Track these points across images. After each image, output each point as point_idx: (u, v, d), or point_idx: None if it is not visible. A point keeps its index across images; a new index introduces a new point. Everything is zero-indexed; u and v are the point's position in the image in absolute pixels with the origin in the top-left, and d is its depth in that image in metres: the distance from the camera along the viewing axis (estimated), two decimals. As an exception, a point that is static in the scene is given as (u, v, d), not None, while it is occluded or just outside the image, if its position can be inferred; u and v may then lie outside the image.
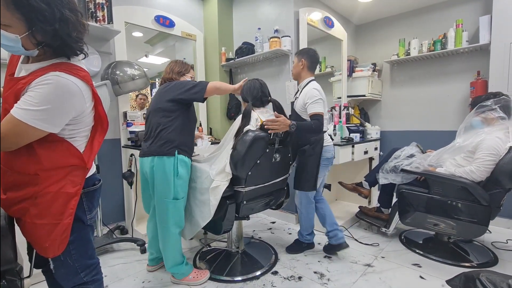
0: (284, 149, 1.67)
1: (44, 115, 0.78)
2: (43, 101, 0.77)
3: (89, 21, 1.90)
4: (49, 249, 0.88)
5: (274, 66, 2.68)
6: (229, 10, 3.03)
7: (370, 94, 3.07)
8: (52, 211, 0.86)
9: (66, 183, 0.88)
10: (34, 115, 0.77)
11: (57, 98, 0.79)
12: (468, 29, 2.56)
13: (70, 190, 0.88)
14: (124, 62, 2.15)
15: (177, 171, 1.51)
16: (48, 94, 0.78)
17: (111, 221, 2.34)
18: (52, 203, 0.86)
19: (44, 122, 0.79)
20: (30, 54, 0.83)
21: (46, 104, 0.78)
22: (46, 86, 0.78)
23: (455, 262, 1.79)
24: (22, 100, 0.78)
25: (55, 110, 0.80)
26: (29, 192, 0.84)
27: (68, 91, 0.81)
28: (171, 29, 2.66)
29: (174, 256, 1.61)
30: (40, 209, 0.85)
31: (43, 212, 0.85)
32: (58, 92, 0.79)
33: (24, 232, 0.90)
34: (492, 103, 1.73)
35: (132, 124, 2.30)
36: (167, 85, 1.60)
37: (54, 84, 0.78)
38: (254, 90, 1.66)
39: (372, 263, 1.83)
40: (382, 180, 2.13)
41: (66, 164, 0.88)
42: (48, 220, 0.86)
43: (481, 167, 1.64)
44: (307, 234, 2.01)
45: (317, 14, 2.59)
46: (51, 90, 0.78)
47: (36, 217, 0.85)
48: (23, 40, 0.78)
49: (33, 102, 0.77)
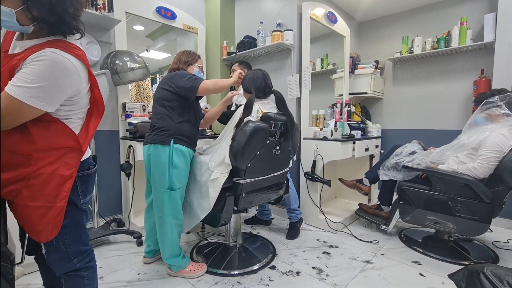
0: (285, 142, 1.65)
1: (40, 93, 0.76)
2: (38, 78, 0.75)
3: (89, 8, 1.88)
4: (42, 232, 0.86)
5: (276, 60, 2.65)
6: (232, 4, 3.00)
7: (372, 91, 3.04)
8: (45, 194, 0.84)
9: (60, 165, 0.85)
10: (29, 92, 0.74)
11: (53, 75, 0.77)
12: (473, 27, 2.54)
13: (64, 172, 0.86)
14: (124, 51, 2.12)
15: (172, 161, 1.49)
16: (43, 71, 0.75)
17: (108, 213, 2.32)
18: (45, 185, 0.83)
19: (39, 100, 0.76)
20: (25, 31, 0.80)
21: (42, 81, 0.75)
22: (41, 62, 0.75)
23: (456, 260, 1.77)
24: (17, 77, 0.75)
25: (50, 88, 0.77)
26: (22, 173, 0.82)
27: (64, 68, 0.78)
28: (173, 21, 2.63)
29: (171, 247, 1.58)
30: (33, 191, 0.83)
31: (36, 194, 0.83)
32: (53, 69, 0.77)
33: (17, 215, 0.87)
34: (498, 99, 1.70)
35: (131, 115, 2.27)
36: (169, 74, 1.59)
37: (50, 60, 0.76)
38: (258, 80, 1.62)
39: (371, 259, 1.81)
40: (383, 176, 2.11)
41: (60, 146, 0.86)
42: (41, 203, 0.83)
43: (485, 164, 1.62)
44: (297, 208, 2.18)
45: (320, 9, 2.57)
46: (46, 67, 0.76)
47: (28, 199, 0.82)
48: (18, 14, 0.75)
49: (28, 78, 0.74)
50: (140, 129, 2.09)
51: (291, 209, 2.17)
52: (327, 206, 2.67)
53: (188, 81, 1.49)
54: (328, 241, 2.09)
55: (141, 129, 2.09)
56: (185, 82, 1.50)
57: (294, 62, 2.48)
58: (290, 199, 2.15)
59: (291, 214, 2.18)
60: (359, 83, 3.09)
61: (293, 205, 2.16)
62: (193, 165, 1.61)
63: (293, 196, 2.17)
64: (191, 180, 1.61)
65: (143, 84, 3.12)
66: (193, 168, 1.61)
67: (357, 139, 2.41)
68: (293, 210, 2.17)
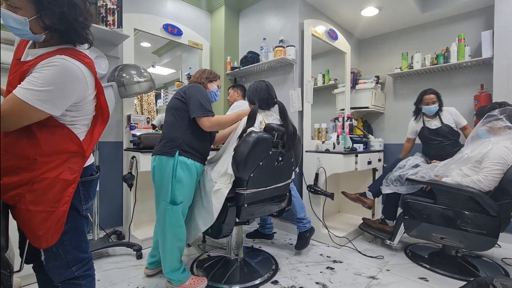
0: (288, 153, 1.65)
1: (47, 96, 0.78)
2: (46, 82, 0.77)
3: (99, 24, 1.96)
4: (43, 237, 0.85)
5: (279, 75, 2.71)
6: (236, 21, 3.12)
7: (373, 106, 3.07)
8: (48, 198, 0.84)
9: (64, 170, 0.86)
10: (36, 95, 0.76)
11: (61, 80, 0.79)
12: (470, 43, 2.60)
13: (68, 177, 0.87)
14: (131, 65, 2.18)
15: (175, 173, 1.46)
16: (52, 76, 0.78)
17: (109, 225, 2.29)
18: (49, 190, 0.84)
19: (45, 103, 0.78)
20: (37, 39, 0.84)
21: (50, 86, 0.78)
22: (51, 68, 0.78)
23: (464, 277, 1.71)
24: (26, 81, 0.78)
25: (57, 92, 0.79)
26: (26, 178, 0.82)
27: (72, 75, 0.81)
28: (179, 38, 2.73)
29: (171, 261, 1.54)
30: (36, 196, 0.83)
31: (39, 199, 0.83)
32: (62, 74, 0.79)
33: (19, 220, 0.87)
34: (498, 112, 1.72)
35: (135, 127, 2.31)
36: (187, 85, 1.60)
37: (59, 66, 0.79)
38: (261, 91, 1.64)
39: (376, 275, 1.75)
40: (386, 189, 2.09)
41: (64, 150, 0.87)
42: (44, 207, 0.83)
43: (489, 176, 1.61)
44: (304, 217, 2.09)
45: (321, 26, 2.66)
46: (55, 72, 0.78)
47: (31, 203, 0.83)
48: (31, 23, 0.79)
49: (36, 82, 0.77)
50: (144, 140, 2.11)
51: (298, 218, 2.09)
52: (330, 220, 2.63)
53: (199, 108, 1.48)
54: (332, 256, 2.04)
55: (144, 140, 2.11)
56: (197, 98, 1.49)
57: (296, 77, 2.54)
58: (295, 208, 2.09)
59: (298, 224, 2.10)
60: (360, 97, 3.13)
61: (299, 214, 2.09)
62: (203, 176, 1.59)
63: (298, 205, 2.10)
64: (198, 192, 1.58)
65: (147, 98, 3.19)
66: (203, 180, 1.57)
67: (360, 152, 2.41)
68: (300, 219, 2.09)
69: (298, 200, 2.13)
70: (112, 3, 2.00)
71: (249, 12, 3.04)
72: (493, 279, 0.85)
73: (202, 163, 1.59)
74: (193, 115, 1.49)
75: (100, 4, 1.96)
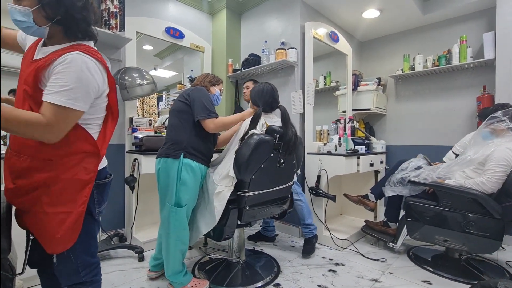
0: (289, 156, 1.65)
1: (76, 93, 0.78)
2: (71, 80, 0.78)
3: (102, 28, 1.97)
4: (60, 240, 0.84)
5: (280, 77, 2.72)
6: (237, 24, 3.13)
7: (375, 108, 3.07)
8: (65, 199, 0.83)
9: (79, 170, 0.86)
10: (67, 96, 0.77)
11: (84, 76, 0.80)
12: (472, 45, 2.59)
13: (84, 177, 0.86)
14: (133, 68, 2.20)
15: (180, 176, 1.47)
16: (73, 73, 0.78)
17: (110, 228, 2.29)
18: (65, 190, 0.83)
19: (77, 101, 0.79)
20: (42, 33, 0.84)
21: (75, 83, 0.78)
22: (69, 65, 0.78)
23: (468, 280, 1.69)
24: (51, 85, 0.77)
25: (82, 88, 0.80)
26: (41, 179, 0.82)
27: (91, 69, 0.82)
28: (181, 41, 2.74)
29: (174, 264, 1.54)
30: (53, 197, 0.82)
31: (56, 200, 0.82)
32: (83, 70, 0.80)
33: (33, 225, 0.85)
34: (501, 114, 1.71)
35: (137, 129, 2.32)
36: (189, 88, 1.61)
37: (77, 62, 0.79)
38: (267, 95, 1.63)
39: (379, 278, 1.74)
40: (389, 192, 2.08)
41: (80, 150, 0.86)
42: (62, 208, 0.83)
43: (492, 178, 1.59)
44: (312, 223, 2.10)
45: (322, 29, 2.66)
46: (76, 69, 0.79)
47: (48, 205, 0.82)
48: (34, 14, 0.79)
49: (61, 83, 0.77)
50: (146, 143, 2.12)
51: (305, 224, 2.09)
52: (332, 222, 2.62)
53: (203, 111, 1.49)
54: (334, 258, 2.03)
55: (146, 143, 2.12)
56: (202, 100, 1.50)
57: (297, 79, 2.54)
58: (304, 213, 2.09)
59: (306, 230, 2.10)
60: (362, 99, 3.13)
61: (307, 220, 2.09)
62: (206, 179, 1.59)
63: (306, 211, 2.11)
64: (201, 194, 1.59)
65: (149, 101, 3.20)
66: (206, 182, 1.58)
67: (362, 154, 2.40)
68: (308, 225, 2.09)
69: (306, 206, 2.13)
70: (115, 6, 2.02)
71: (251, 15, 3.05)
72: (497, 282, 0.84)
73: (207, 165, 1.59)
74: (197, 117, 1.49)
75: (103, 8, 1.98)
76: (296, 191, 2.11)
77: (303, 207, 2.09)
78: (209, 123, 1.49)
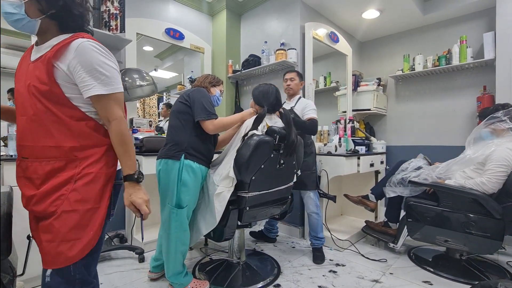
0: (289, 156, 1.65)
1: (116, 77, 0.84)
2: (102, 64, 0.81)
3: (102, 29, 1.98)
4: (92, 238, 0.82)
5: (280, 77, 2.70)
6: (237, 25, 3.14)
7: (375, 108, 3.07)
8: (94, 194, 0.83)
9: (104, 164, 0.86)
10: (112, 82, 0.83)
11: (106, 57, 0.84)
12: (473, 45, 2.59)
13: (107, 170, 0.87)
14: (133, 69, 2.20)
15: (181, 177, 1.47)
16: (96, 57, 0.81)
17: (111, 229, 2.30)
18: (93, 185, 0.83)
19: (118, 82, 0.85)
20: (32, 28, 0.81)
21: (106, 64, 0.82)
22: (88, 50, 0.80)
23: (469, 280, 1.69)
24: (90, 78, 0.80)
25: (114, 68, 0.85)
26: (68, 176, 0.81)
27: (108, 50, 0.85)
28: (181, 42, 2.75)
29: (174, 265, 1.54)
30: (82, 193, 0.81)
31: (85, 196, 0.81)
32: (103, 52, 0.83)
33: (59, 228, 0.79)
34: (502, 114, 1.70)
35: (137, 130, 2.32)
36: (190, 89, 1.61)
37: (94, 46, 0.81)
38: (271, 96, 1.62)
39: (380, 279, 1.74)
40: (389, 193, 2.07)
41: (102, 143, 0.87)
42: (91, 204, 0.82)
43: (493, 178, 1.59)
44: (323, 236, 2.09)
45: (322, 29, 2.67)
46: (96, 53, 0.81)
47: (78, 202, 0.80)
48: (27, 6, 0.77)
49: (99, 70, 0.80)
50: (146, 144, 2.12)
51: (318, 237, 2.06)
52: (333, 223, 2.61)
53: (203, 112, 1.49)
54: (335, 259, 2.03)
55: (147, 144, 2.12)
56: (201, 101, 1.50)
57: (297, 80, 2.54)
58: (317, 227, 2.06)
59: (316, 242, 2.06)
60: (362, 100, 3.13)
61: (320, 233, 2.07)
62: (206, 179, 1.59)
63: (320, 224, 2.08)
64: (201, 195, 1.58)
65: (150, 102, 3.20)
66: (207, 183, 1.58)
67: (362, 155, 2.40)
68: (319, 238, 2.06)
69: (321, 219, 2.10)
70: (115, 8, 2.03)
71: (250, 16, 3.06)
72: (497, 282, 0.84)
73: (207, 166, 1.59)
74: (197, 118, 1.50)
75: (103, 10, 1.98)
76: (315, 203, 2.06)
77: (318, 221, 2.06)
78: (209, 124, 1.49)
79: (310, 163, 2.06)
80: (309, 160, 2.05)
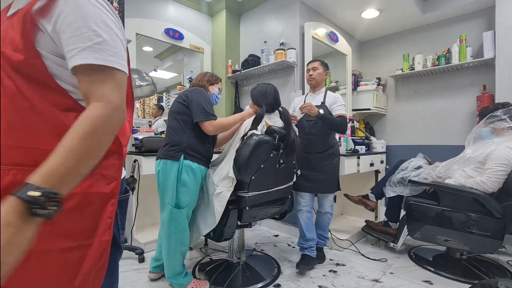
0: (289, 156, 1.65)
1: (116, 43, 0.54)
2: (99, 23, 0.52)
3: (102, 29, 1.97)
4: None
5: (280, 77, 2.72)
6: (237, 25, 3.14)
7: (375, 107, 3.07)
8: (80, 226, 0.55)
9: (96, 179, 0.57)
10: (110, 50, 0.52)
11: (111, 15, 0.55)
12: (472, 44, 2.59)
13: (103, 189, 0.58)
14: (133, 69, 2.20)
15: (180, 177, 1.46)
16: (98, 11, 0.52)
17: (111, 229, 2.29)
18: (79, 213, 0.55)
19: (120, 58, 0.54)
20: None
21: (107, 26, 0.53)
22: (87, 2, 0.52)
23: (469, 280, 1.69)
24: (77, 39, 0.50)
25: (115, 34, 0.55)
26: None
27: (115, 11, 0.57)
28: (180, 42, 2.75)
29: (174, 265, 1.54)
30: (60, 226, 0.52)
31: (65, 229, 0.53)
32: (107, 9, 0.54)
33: (30, 276, 0.51)
34: (502, 113, 1.70)
35: (137, 131, 2.32)
36: (188, 89, 1.60)
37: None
38: (270, 96, 1.62)
39: (380, 278, 1.74)
40: (389, 192, 2.07)
41: None
42: (77, 241, 0.54)
43: (493, 177, 1.59)
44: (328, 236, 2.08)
45: (322, 29, 2.67)
46: (99, 7, 0.53)
47: (56, 238, 0.52)
48: None
49: (93, 29, 0.50)
50: (146, 144, 2.12)
51: (324, 236, 2.04)
52: (333, 223, 2.60)
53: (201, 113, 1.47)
54: (335, 259, 2.03)
55: (146, 144, 2.12)
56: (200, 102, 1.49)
57: (297, 79, 2.54)
58: (327, 227, 2.04)
59: (321, 241, 2.03)
60: (362, 99, 3.13)
61: (326, 233, 2.07)
62: (206, 179, 1.59)
63: (329, 225, 2.07)
64: (201, 195, 1.58)
65: (149, 102, 3.20)
66: (206, 183, 1.57)
67: (362, 154, 2.40)
68: (325, 238, 2.05)
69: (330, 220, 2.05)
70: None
71: (250, 16, 3.06)
72: (497, 281, 0.84)
73: (207, 166, 1.59)
74: (195, 119, 1.49)
75: (102, 10, 1.98)
76: (332, 203, 2.02)
77: (330, 221, 2.04)
78: (208, 125, 1.49)
79: (336, 165, 1.97)
80: (335, 163, 1.95)
